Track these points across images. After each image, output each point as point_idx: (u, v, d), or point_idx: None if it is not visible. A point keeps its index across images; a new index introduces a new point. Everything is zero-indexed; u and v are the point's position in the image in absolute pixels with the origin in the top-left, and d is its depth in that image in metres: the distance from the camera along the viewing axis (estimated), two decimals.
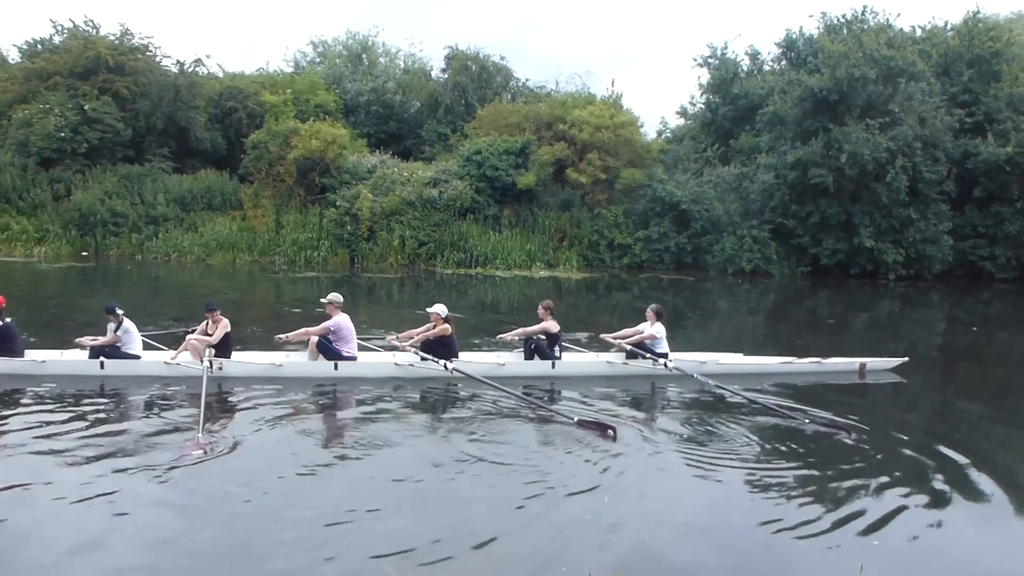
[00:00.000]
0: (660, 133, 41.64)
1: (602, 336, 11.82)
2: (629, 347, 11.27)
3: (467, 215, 31.27)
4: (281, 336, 10.81)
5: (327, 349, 10.65)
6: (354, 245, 30.77)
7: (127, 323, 10.51)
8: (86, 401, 9.09)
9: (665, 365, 10.94)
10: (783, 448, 7.90)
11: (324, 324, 10.75)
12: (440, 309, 10.88)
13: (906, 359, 12.00)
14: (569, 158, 32.53)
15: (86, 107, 33.81)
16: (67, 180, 33.44)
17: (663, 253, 30.78)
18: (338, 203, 31.13)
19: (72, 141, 33.44)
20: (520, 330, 11.60)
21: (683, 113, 42.53)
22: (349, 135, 34.97)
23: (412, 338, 10.95)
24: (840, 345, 15.13)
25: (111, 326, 10.48)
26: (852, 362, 11.79)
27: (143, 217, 32.48)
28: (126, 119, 35.01)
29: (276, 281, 25.33)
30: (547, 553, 5.40)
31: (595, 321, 16.72)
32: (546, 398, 9.86)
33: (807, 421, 8.76)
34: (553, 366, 11.08)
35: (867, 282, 28.98)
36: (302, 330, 10.88)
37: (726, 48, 38.47)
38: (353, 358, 10.75)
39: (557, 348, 11.37)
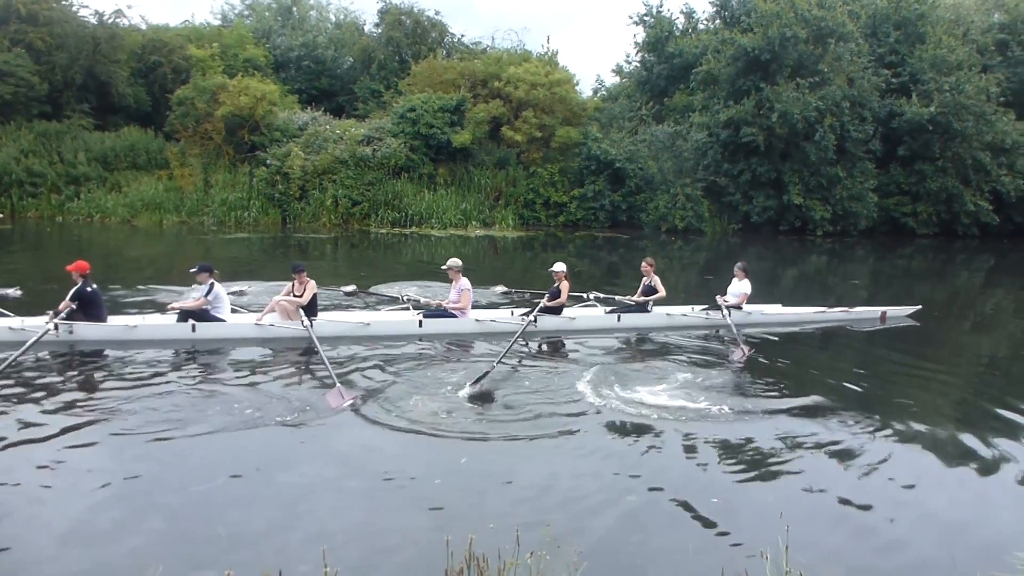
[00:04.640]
0: (596, 91, 41.68)
1: (716, 297, 12.24)
2: (724, 307, 11.78)
3: (401, 174, 30.87)
4: (430, 301, 11.67)
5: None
6: (285, 205, 30.15)
7: (218, 287, 10.30)
8: (188, 365, 8.83)
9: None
10: (739, 396, 8.06)
11: (461, 288, 11.14)
12: (560, 267, 11.65)
13: (919, 307, 13.32)
14: (504, 116, 32.34)
15: None
16: None
17: (598, 211, 30.97)
18: (268, 162, 30.42)
19: None
20: (638, 296, 12.24)
21: (619, 71, 42.62)
22: (279, 91, 34.16)
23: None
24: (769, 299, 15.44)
25: (203, 288, 10.19)
26: (875, 310, 12.99)
27: (63, 177, 31.16)
28: (41, 72, 33.27)
29: (206, 243, 24.67)
30: (479, 507, 5.45)
31: (534, 279, 16.72)
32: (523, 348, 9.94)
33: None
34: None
35: (795, 238, 29.66)
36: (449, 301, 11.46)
37: (661, 6, 38.57)
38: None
39: (651, 304, 12.05)
